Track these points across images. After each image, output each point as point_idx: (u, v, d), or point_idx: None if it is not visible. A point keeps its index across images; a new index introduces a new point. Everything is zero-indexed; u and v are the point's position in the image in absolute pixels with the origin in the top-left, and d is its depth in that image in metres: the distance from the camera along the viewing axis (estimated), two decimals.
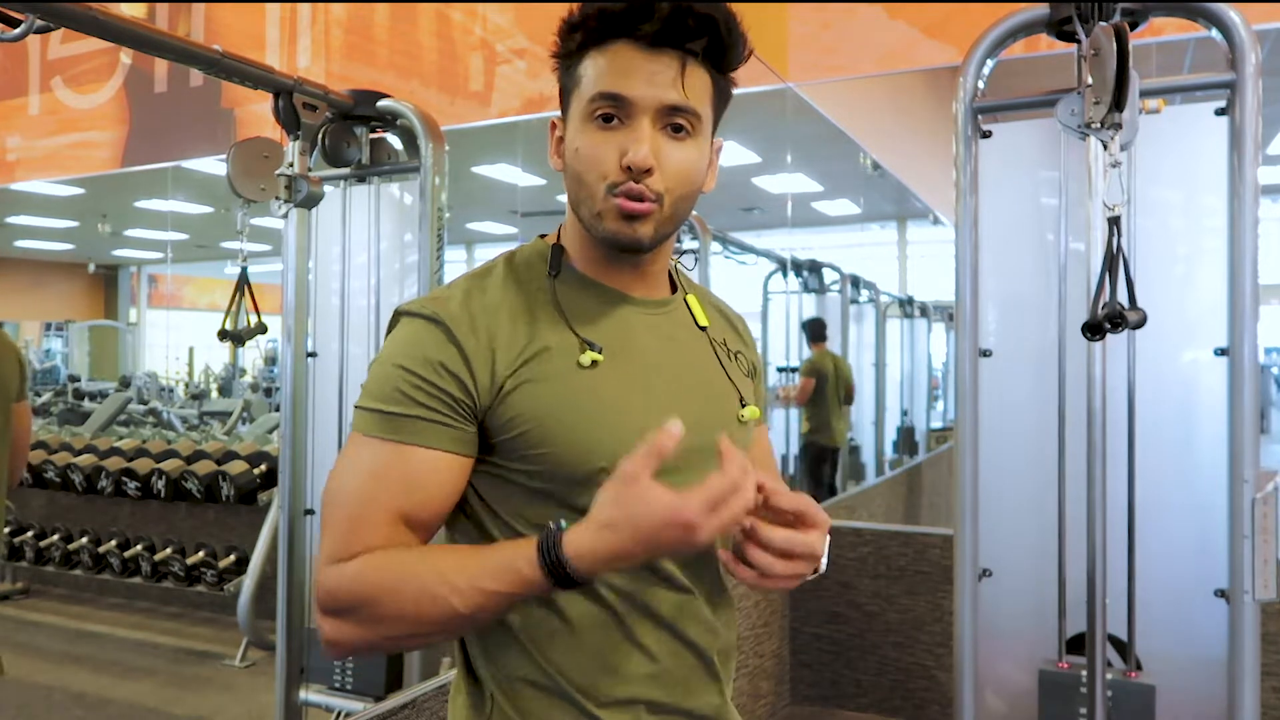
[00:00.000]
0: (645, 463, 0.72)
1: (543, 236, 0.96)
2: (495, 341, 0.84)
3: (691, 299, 0.99)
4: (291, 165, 1.92)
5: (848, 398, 5.74)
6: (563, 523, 0.75)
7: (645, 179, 0.83)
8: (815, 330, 5.71)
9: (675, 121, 0.85)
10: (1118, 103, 1.49)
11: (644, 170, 0.83)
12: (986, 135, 1.86)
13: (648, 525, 0.71)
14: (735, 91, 0.92)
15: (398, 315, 0.88)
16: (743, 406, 0.96)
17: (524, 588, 0.75)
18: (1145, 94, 1.69)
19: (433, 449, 0.82)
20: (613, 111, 0.84)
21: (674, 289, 0.98)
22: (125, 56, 3.17)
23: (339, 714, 2.26)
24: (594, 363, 0.86)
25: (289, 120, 1.90)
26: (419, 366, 0.83)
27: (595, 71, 0.84)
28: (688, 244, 3.17)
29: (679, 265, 1.02)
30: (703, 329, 0.98)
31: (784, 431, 5.43)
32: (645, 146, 0.83)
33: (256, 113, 2.89)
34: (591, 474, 0.83)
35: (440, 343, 0.83)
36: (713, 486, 0.71)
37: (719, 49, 0.85)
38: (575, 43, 0.86)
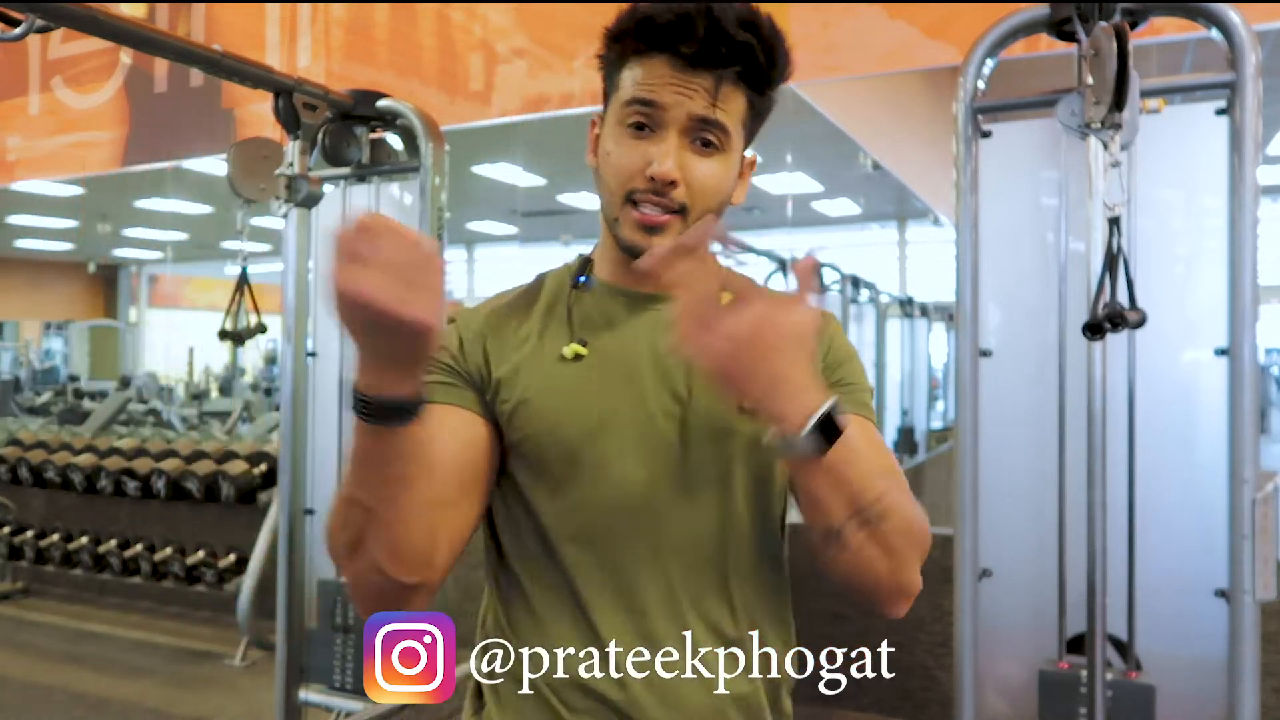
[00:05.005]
0: None
1: (582, 255, 1.02)
2: (493, 335, 0.94)
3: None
4: (291, 165, 1.92)
5: None
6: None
7: (669, 191, 0.86)
8: None
9: (704, 136, 0.87)
10: (1118, 103, 1.49)
11: (667, 183, 0.86)
12: (986, 135, 1.86)
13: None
14: None
15: None
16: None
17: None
18: (1145, 94, 1.69)
19: (437, 403, 0.88)
20: (644, 120, 0.87)
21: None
22: (125, 56, 3.17)
23: (339, 714, 2.27)
24: (577, 355, 0.92)
25: (289, 120, 1.90)
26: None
27: (632, 79, 0.88)
28: None
29: (730, 263, 1.00)
30: None
31: None
32: (670, 159, 0.85)
33: (256, 113, 2.88)
34: (564, 455, 0.89)
35: (450, 337, 0.94)
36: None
37: (757, 72, 0.87)
38: (617, 50, 0.89)
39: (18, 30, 1.44)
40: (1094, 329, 1.48)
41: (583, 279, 0.97)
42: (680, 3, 0.85)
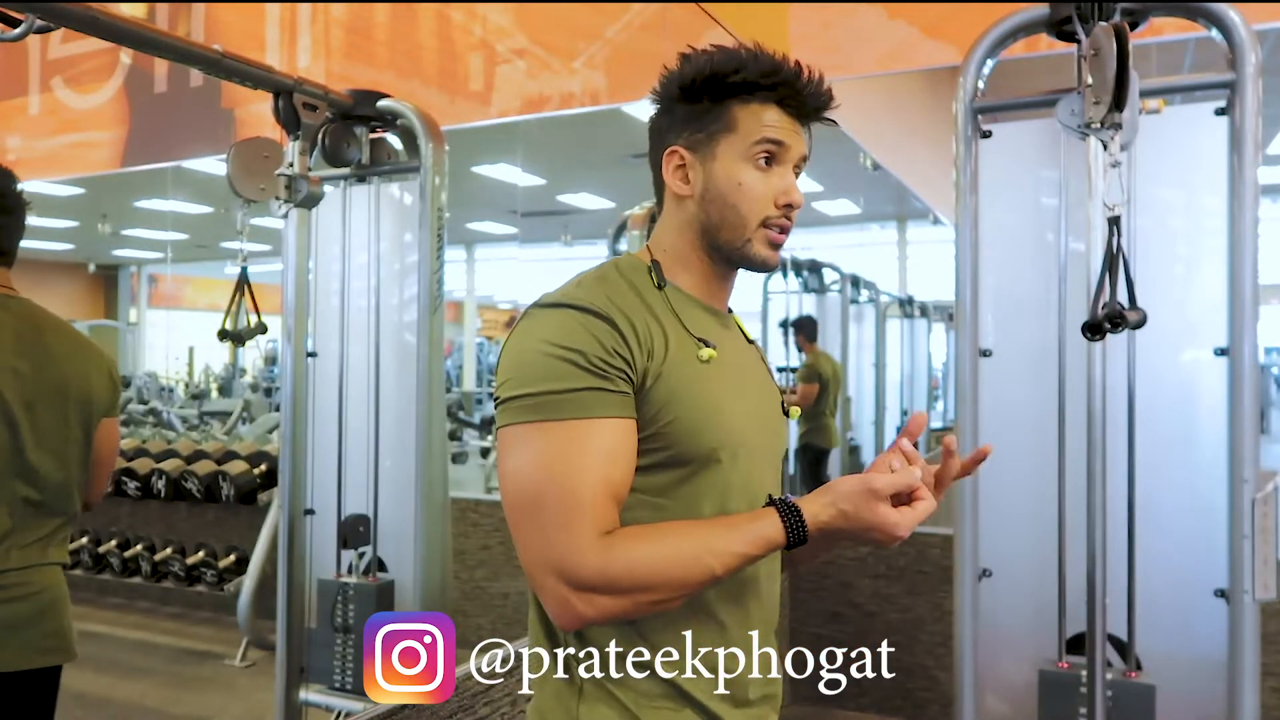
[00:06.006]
0: (888, 486, 0.90)
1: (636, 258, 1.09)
2: (641, 332, 0.96)
3: (735, 318, 1.14)
4: (291, 165, 1.92)
5: (832, 407, 5.56)
6: (788, 497, 0.94)
7: (793, 215, 1.04)
8: (811, 331, 5.60)
9: (798, 169, 1.06)
10: (1118, 103, 1.49)
11: (796, 207, 1.04)
12: (986, 135, 1.86)
13: (868, 525, 0.91)
14: None
15: (537, 309, 0.97)
16: (784, 406, 1.13)
17: (767, 548, 0.92)
18: (1145, 94, 1.69)
19: (619, 418, 0.92)
20: (772, 156, 1.02)
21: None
22: (125, 56, 3.17)
23: (339, 714, 2.27)
24: (710, 359, 1.01)
25: (289, 120, 1.90)
26: (589, 346, 0.92)
27: (756, 121, 1.02)
28: None
29: None
30: (751, 342, 1.15)
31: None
32: (798, 190, 1.04)
33: (256, 113, 2.88)
34: (706, 452, 0.97)
35: (604, 329, 0.93)
36: (921, 514, 0.92)
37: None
38: (719, 89, 1.02)
39: (18, 30, 1.44)
40: (1094, 329, 1.48)
41: (661, 285, 1.05)
42: (769, 57, 1.02)
